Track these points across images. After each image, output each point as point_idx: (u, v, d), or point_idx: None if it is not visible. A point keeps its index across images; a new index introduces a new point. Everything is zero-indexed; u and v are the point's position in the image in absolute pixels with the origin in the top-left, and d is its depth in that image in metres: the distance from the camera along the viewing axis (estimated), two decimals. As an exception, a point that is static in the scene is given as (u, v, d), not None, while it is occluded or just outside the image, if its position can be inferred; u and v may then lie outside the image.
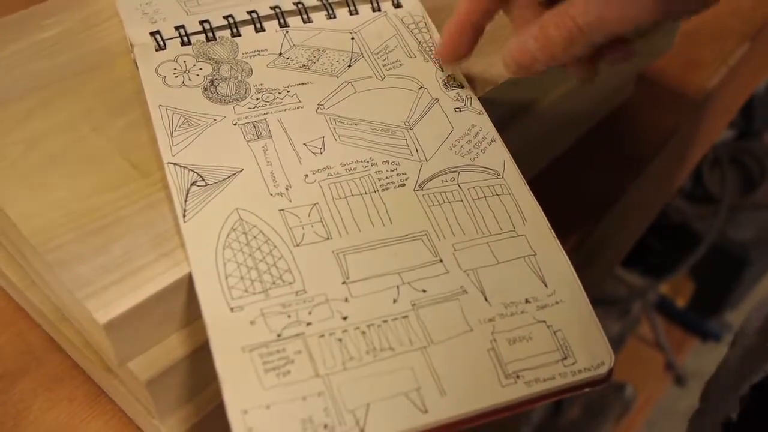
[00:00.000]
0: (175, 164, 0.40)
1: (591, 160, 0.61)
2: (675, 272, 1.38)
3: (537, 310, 0.38)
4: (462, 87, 0.45)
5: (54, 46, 0.47)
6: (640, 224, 0.73)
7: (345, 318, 0.36)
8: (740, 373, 0.49)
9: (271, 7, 0.47)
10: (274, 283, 0.37)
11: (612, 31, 0.38)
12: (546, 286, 0.39)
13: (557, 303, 0.38)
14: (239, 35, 0.46)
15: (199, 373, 0.39)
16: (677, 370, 1.50)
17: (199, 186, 0.39)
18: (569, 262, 0.40)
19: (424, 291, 0.37)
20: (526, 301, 0.38)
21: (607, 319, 1.26)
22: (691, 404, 0.54)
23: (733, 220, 1.38)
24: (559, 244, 0.40)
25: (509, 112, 0.50)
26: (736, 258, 1.42)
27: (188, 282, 0.37)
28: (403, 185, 0.41)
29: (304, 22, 0.47)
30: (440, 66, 0.46)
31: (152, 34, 0.45)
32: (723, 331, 1.52)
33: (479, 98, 0.45)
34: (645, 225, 0.73)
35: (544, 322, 0.38)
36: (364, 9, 0.48)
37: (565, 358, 0.37)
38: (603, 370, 0.37)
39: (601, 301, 1.26)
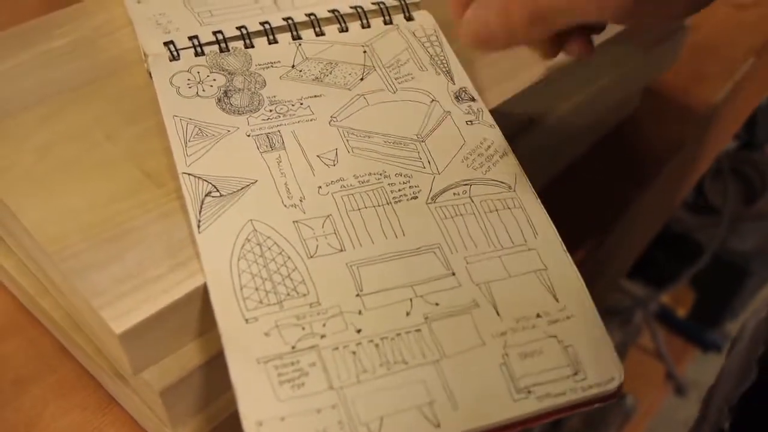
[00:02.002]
0: (189, 174, 0.40)
1: (597, 173, 0.62)
2: (676, 282, 1.38)
3: (548, 324, 0.38)
4: (473, 100, 0.46)
5: (66, 55, 0.48)
6: (645, 236, 0.73)
7: (359, 331, 0.36)
8: (734, 383, 0.49)
9: (283, 19, 0.48)
10: (288, 294, 0.37)
11: (574, 19, 0.36)
12: (557, 300, 0.39)
13: (568, 318, 0.38)
14: (252, 47, 0.47)
15: (212, 382, 0.39)
16: (677, 380, 1.50)
17: (213, 197, 0.39)
18: (580, 276, 0.40)
19: (437, 304, 0.38)
20: (538, 315, 0.38)
21: (609, 329, 1.26)
22: (691, 414, 0.54)
23: (734, 231, 1.39)
24: (570, 258, 0.40)
25: (517, 125, 0.50)
26: (737, 268, 1.42)
27: (203, 292, 0.37)
28: (416, 198, 0.41)
29: (317, 35, 0.48)
30: (452, 79, 0.46)
31: (166, 44, 0.46)
32: (724, 342, 1.52)
33: (490, 111, 0.46)
34: (650, 237, 0.74)
35: (555, 336, 0.38)
36: (376, 22, 0.49)
37: (576, 374, 0.37)
38: (613, 385, 0.37)
39: (603, 310, 1.27)
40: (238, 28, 0.47)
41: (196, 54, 0.46)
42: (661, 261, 1.38)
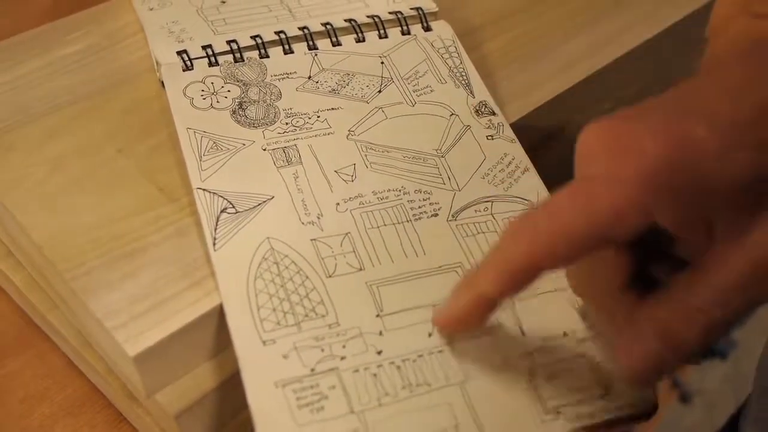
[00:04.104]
0: (204, 190, 0.39)
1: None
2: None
3: (576, 343, 0.37)
4: (494, 114, 0.45)
5: (77, 63, 0.47)
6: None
7: (379, 352, 0.35)
8: None
9: (299, 28, 0.47)
10: (306, 315, 0.36)
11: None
12: (584, 318, 0.38)
13: (596, 336, 0.37)
14: (267, 57, 0.46)
15: (227, 403, 0.38)
16: (683, 388, 1.49)
17: (229, 213, 0.38)
18: None
19: None
20: (564, 334, 0.37)
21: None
22: (695, 421, 0.53)
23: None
24: None
25: (537, 139, 0.49)
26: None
27: (219, 312, 0.36)
28: (436, 215, 0.40)
29: (333, 45, 0.47)
30: (471, 92, 0.45)
31: (179, 53, 0.45)
32: (729, 349, 1.51)
33: (510, 125, 0.45)
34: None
35: (584, 355, 0.37)
36: (394, 32, 0.48)
37: (607, 394, 0.36)
38: (647, 404, 0.36)
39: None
40: (253, 38, 0.46)
41: (210, 64, 0.45)
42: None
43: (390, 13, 0.48)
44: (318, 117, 0.43)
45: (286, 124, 0.43)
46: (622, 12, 0.55)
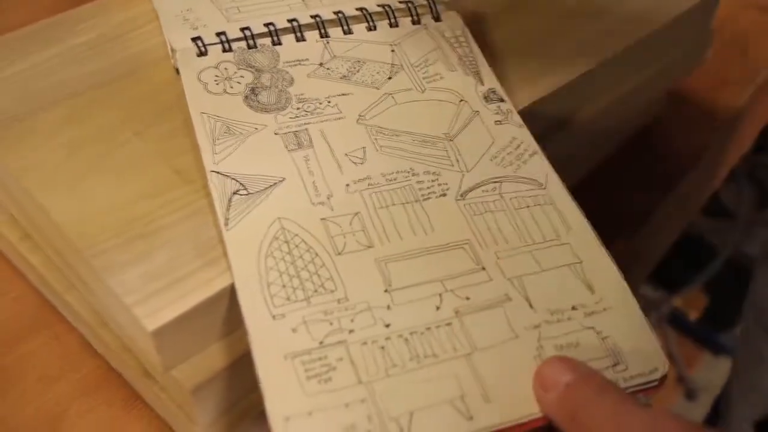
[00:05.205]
0: (217, 173, 0.40)
1: (621, 178, 0.62)
2: (690, 286, 1.38)
3: (584, 316, 0.38)
4: (502, 101, 0.45)
5: (89, 51, 0.48)
6: (666, 241, 0.73)
7: (387, 325, 0.36)
8: None
9: (311, 16, 0.48)
10: (316, 291, 0.37)
11: None
12: (593, 293, 0.39)
13: (605, 309, 0.38)
14: (280, 44, 0.46)
15: (240, 380, 0.39)
16: (689, 384, 1.50)
17: (241, 195, 0.39)
18: (617, 268, 0.40)
19: (468, 298, 0.37)
20: (573, 308, 0.38)
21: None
22: (701, 417, 0.54)
23: (748, 235, 1.38)
24: (607, 252, 0.40)
25: (545, 127, 0.50)
26: (750, 273, 1.41)
27: (232, 290, 0.37)
28: (445, 195, 0.41)
29: (345, 33, 0.48)
30: (480, 80, 0.46)
31: (194, 39, 0.46)
32: (735, 346, 1.52)
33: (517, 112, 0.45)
34: (671, 242, 0.73)
35: (593, 328, 0.37)
36: (405, 21, 0.49)
37: (616, 365, 0.36)
38: (656, 375, 0.36)
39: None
40: (266, 25, 0.47)
41: (224, 50, 0.46)
42: (673, 264, 1.38)
43: (401, 2, 0.49)
44: (329, 102, 0.44)
45: (298, 109, 0.44)
46: (629, 2, 0.56)
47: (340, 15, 0.48)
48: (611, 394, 0.33)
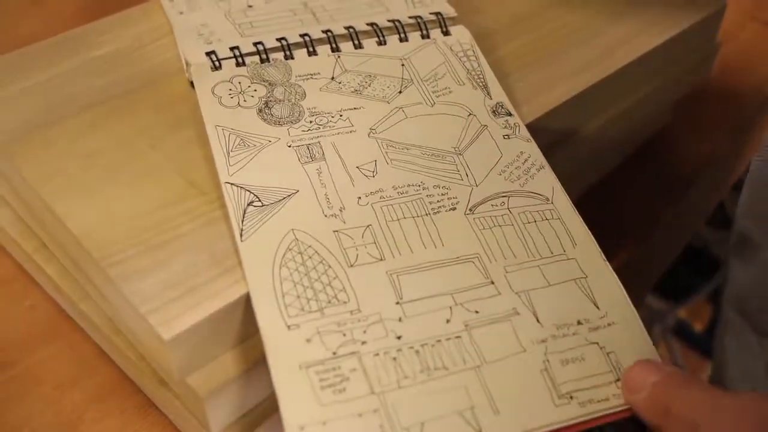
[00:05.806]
0: (232, 184, 0.41)
1: (628, 187, 0.62)
2: (695, 297, 1.38)
3: (589, 331, 0.39)
4: (510, 114, 0.46)
5: (108, 64, 0.49)
6: (672, 251, 0.74)
7: (399, 337, 0.37)
8: None
9: (323, 31, 0.48)
10: (329, 302, 0.38)
11: None
12: (598, 308, 0.39)
13: (609, 325, 0.39)
14: (292, 58, 0.47)
15: (253, 388, 0.40)
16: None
17: (255, 206, 0.40)
18: (621, 284, 0.41)
19: (477, 312, 0.38)
20: (578, 322, 0.39)
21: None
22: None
23: (753, 246, 1.38)
24: (610, 267, 0.41)
25: (552, 139, 0.51)
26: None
27: (247, 299, 0.38)
28: (454, 209, 0.42)
29: (356, 48, 0.48)
30: (488, 94, 0.47)
31: (208, 54, 0.47)
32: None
33: (525, 125, 0.46)
34: (677, 252, 0.74)
35: (597, 343, 0.38)
36: (414, 36, 0.50)
37: (619, 380, 0.37)
38: None
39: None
40: (279, 40, 0.48)
41: (237, 64, 0.47)
42: (678, 275, 1.38)
43: (410, 17, 0.50)
44: (341, 116, 0.45)
45: (310, 122, 0.44)
46: (634, 16, 0.56)
47: (351, 30, 0.49)
48: (697, 384, 0.35)
